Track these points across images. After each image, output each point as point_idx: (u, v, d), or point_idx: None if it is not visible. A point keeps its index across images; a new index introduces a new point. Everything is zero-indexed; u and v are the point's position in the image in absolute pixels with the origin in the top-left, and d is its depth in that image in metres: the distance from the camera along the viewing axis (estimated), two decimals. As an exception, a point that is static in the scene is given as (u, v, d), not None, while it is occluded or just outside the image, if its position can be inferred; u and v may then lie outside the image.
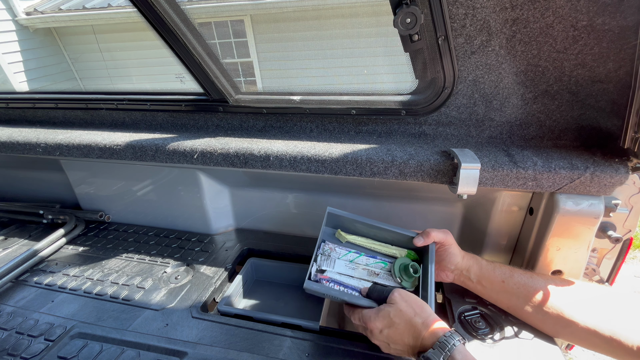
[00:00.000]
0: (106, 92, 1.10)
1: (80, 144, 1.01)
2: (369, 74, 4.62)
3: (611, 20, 0.65)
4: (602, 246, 0.89)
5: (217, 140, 0.95)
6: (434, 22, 0.70)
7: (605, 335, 0.65)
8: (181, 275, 0.96)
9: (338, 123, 0.95)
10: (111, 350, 0.75)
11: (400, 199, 1.01)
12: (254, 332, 0.78)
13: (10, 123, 1.24)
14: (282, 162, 0.87)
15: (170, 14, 0.79)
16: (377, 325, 0.66)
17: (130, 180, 1.14)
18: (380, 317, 0.66)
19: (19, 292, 0.92)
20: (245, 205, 1.14)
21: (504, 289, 0.75)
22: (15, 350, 0.75)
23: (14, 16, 5.51)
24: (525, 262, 0.89)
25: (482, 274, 0.77)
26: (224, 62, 0.91)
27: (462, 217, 1.00)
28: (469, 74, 0.78)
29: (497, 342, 0.72)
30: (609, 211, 0.77)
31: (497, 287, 0.76)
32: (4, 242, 1.14)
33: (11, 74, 5.36)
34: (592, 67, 0.71)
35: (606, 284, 0.90)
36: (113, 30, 5.67)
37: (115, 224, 1.22)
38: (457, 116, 0.85)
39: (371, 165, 0.82)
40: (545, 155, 0.77)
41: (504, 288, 0.75)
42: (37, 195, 1.36)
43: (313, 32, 5.01)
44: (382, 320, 0.65)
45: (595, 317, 0.67)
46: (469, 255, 0.80)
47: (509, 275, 0.75)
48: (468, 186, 0.73)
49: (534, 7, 0.66)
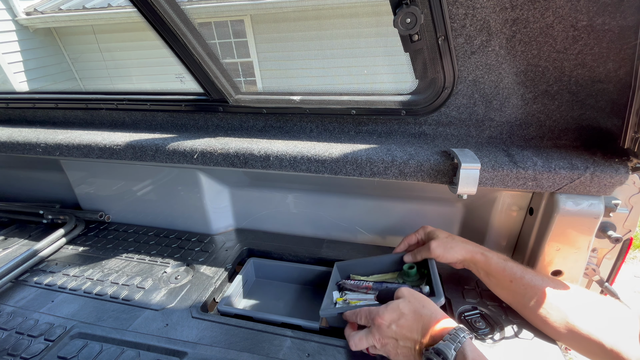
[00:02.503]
0: (106, 92, 1.10)
1: (80, 144, 1.01)
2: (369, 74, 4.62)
3: (611, 20, 0.65)
4: (602, 246, 0.89)
5: (217, 140, 0.95)
6: (434, 22, 0.70)
7: (607, 347, 0.64)
8: (181, 275, 0.96)
9: (338, 123, 0.95)
10: (111, 350, 0.75)
11: (400, 199, 1.01)
12: (254, 332, 0.78)
13: (10, 123, 1.24)
14: (282, 162, 0.87)
15: (170, 14, 0.79)
16: (386, 318, 0.64)
17: (130, 180, 1.14)
18: (389, 310, 0.64)
19: (19, 292, 0.92)
20: (245, 205, 1.14)
21: (512, 288, 0.75)
22: (15, 350, 0.75)
23: (14, 16, 5.51)
24: (525, 262, 0.89)
25: (490, 270, 0.77)
26: (224, 62, 0.91)
27: (462, 217, 1.00)
28: (469, 74, 0.78)
29: (497, 342, 0.72)
30: (609, 211, 0.77)
31: (505, 285, 0.76)
32: (4, 242, 1.14)
33: (11, 74, 5.36)
34: (592, 67, 0.71)
35: (606, 285, 0.90)
36: (113, 30, 5.67)
37: (115, 224, 1.22)
38: (457, 116, 0.85)
39: (371, 165, 0.82)
40: (545, 155, 0.77)
41: (512, 287, 0.75)
42: (37, 195, 1.36)
43: (313, 32, 5.01)
44: (391, 312, 0.64)
45: (599, 327, 0.67)
46: (474, 249, 0.79)
47: (519, 276, 0.74)
48: (468, 186, 0.73)
49: (534, 7, 0.66)
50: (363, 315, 0.68)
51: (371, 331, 0.66)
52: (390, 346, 0.64)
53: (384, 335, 0.64)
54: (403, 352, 0.63)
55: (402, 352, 0.63)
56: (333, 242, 1.07)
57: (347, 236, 1.10)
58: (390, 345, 0.64)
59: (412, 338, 0.62)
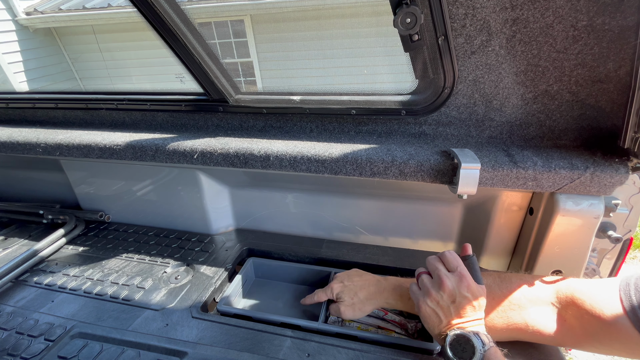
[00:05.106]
0: (106, 92, 1.10)
1: (80, 144, 1.01)
2: (369, 74, 4.62)
3: (611, 20, 0.65)
4: (602, 246, 0.89)
5: (217, 140, 0.95)
6: (434, 22, 0.70)
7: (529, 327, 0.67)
8: (181, 275, 0.96)
9: (338, 123, 0.95)
10: (111, 350, 0.75)
11: (400, 199, 1.01)
12: (254, 332, 0.78)
13: (10, 123, 1.24)
14: (282, 162, 0.87)
15: (170, 14, 0.79)
16: (451, 283, 0.63)
17: (130, 180, 1.14)
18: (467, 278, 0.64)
19: (19, 292, 0.92)
20: (245, 205, 1.14)
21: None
22: (15, 350, 0.75)
23: (14, 16, 5.51)
24: (525, 262, 0.89)
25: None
26: (224, 62, 0.91)
27: (462, 217, 1.00)
28: (469, 74, 0.78)
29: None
30: (609, 211, 0.77)
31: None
32: (4, 242, 1.14)
33: (11, 74, 5.36)
34: (592, 67, 0.71)
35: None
36: (113, 30, 5.67)
37: (115, 224, 1.22)
38: (457, 116, 0.85)
39: (371, 165, 0.82)
40: (545, 155, 0.77)
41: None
42: (37, 195, 1.36)
43: (313, 32, 5.02)
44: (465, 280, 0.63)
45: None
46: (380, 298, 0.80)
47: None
48: (468, 186, 0.73)
49: (534, 7, 0.66)
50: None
51: (437, 288, 0.65)
52: (442, 302, 0.64)
53: (448, 292, 0.63)
54: (433, 318, 0.64)
55: (435, 315, 0.64)
56: (333, 242, 1.07)
57: (347, 236, 1.10)
58: (442, 301, 0.64)
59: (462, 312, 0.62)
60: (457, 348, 0.59)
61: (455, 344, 0.59)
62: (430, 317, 0.65)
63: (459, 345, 0.58)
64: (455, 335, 0.59)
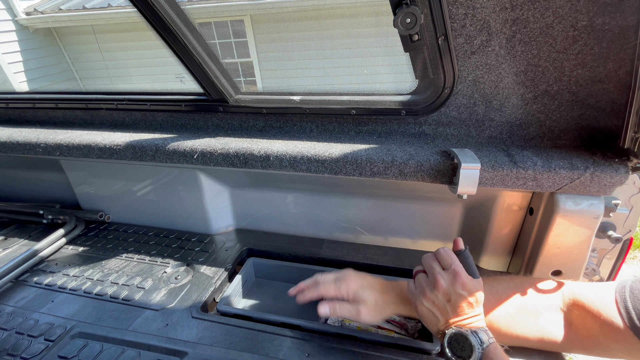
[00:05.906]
0: (106, 92, 1.10)
1: (80, 144, 1.01)
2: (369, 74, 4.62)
3: (611, 20, 0.65)
4: (602, 246, 0.89)
5: (217, 140, 0.95)
6: (434, 22, 0.70)
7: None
8: (181, 275, 0.96)
9: (338, 123, 0.95)
10: (111, 350, 0.75)
11: (400, 199, 1.01)
12: (254, 332, 0.78)
13: (10, 123, 1.24)
14: (282, 162, 0.87)
15: (170, 14, 0.79)
16: (445, 281, 0.63)
17: (130, 180, 1.14)
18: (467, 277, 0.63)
19: (19, 292, 0.92)
20: (245, 205, 1.14)
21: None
22: (15, 351, 0.75)
23: (14, 16, 5.52)
24: (525, 262, 0.89)
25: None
26: (224, 62, 0.91)
27: (462, 217, 1.00)
28: (469, 74, 0.78)
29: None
30: (609, 211, 0.77)
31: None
32: (4, 242, 1.14)
33: (11, 74, 5.36)
34: (592, 67, 0.71)
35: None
36: (113, 30, 5.68)
37: (115, 224, 1.22)
38: (457, 116, 0.85)
39: (371, 165, 0.82)
40: (545, 155, 0.77)
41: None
42: (37, 195, 1.36)
43: (313, 32, 5.02)
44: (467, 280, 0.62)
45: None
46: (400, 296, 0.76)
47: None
48: (468, 186, 0.73)
49: (534, 7, 0.66)
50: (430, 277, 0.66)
51: (431, 286, 0.65)
52: (437, 302, 0.63)
53: (442, 291, 0.63)
54: (431, 316, 0.64)
55: (432, 313, 0.64)
56: (333, 242, 1.07)
57: (347, 236, 1.10)
58: (437, 301, 0.63)
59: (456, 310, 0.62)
60: (455, 347, 0.59)
61: (454, 342, 0.59)
62: (427, 317, 0.65)
63: (458, 344, 0.59)
64: (453, 333, 0.59)
